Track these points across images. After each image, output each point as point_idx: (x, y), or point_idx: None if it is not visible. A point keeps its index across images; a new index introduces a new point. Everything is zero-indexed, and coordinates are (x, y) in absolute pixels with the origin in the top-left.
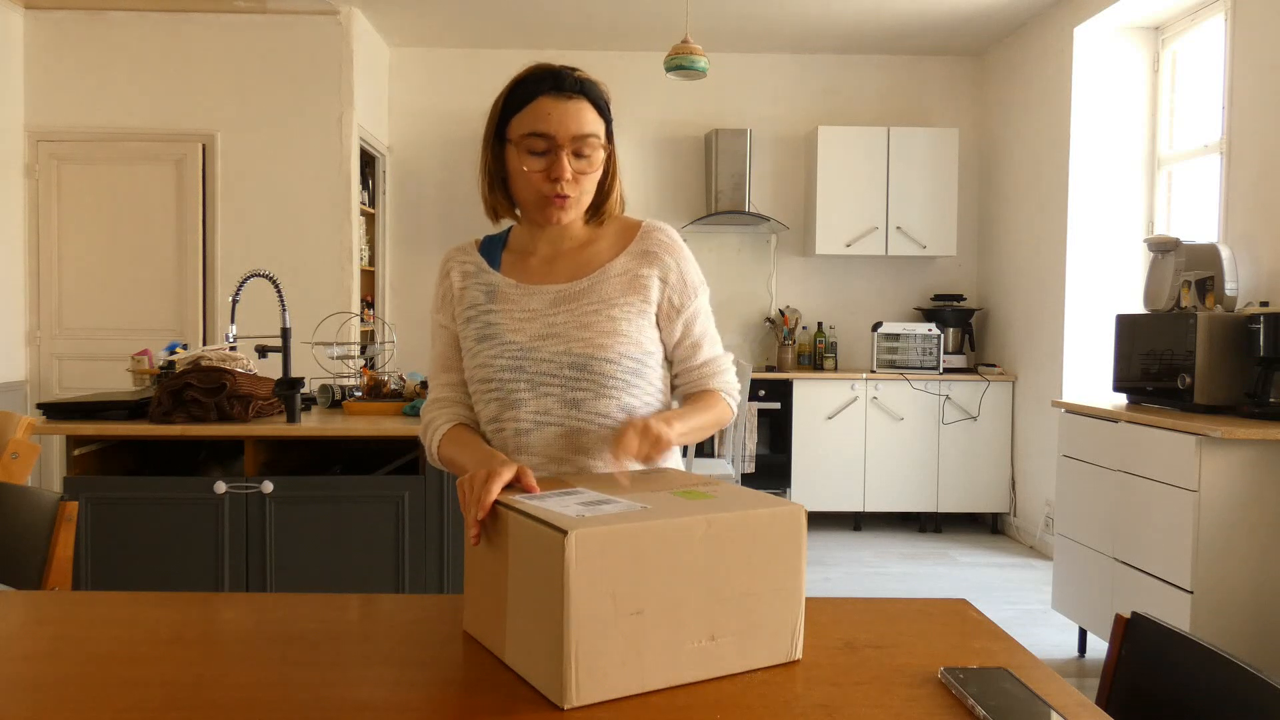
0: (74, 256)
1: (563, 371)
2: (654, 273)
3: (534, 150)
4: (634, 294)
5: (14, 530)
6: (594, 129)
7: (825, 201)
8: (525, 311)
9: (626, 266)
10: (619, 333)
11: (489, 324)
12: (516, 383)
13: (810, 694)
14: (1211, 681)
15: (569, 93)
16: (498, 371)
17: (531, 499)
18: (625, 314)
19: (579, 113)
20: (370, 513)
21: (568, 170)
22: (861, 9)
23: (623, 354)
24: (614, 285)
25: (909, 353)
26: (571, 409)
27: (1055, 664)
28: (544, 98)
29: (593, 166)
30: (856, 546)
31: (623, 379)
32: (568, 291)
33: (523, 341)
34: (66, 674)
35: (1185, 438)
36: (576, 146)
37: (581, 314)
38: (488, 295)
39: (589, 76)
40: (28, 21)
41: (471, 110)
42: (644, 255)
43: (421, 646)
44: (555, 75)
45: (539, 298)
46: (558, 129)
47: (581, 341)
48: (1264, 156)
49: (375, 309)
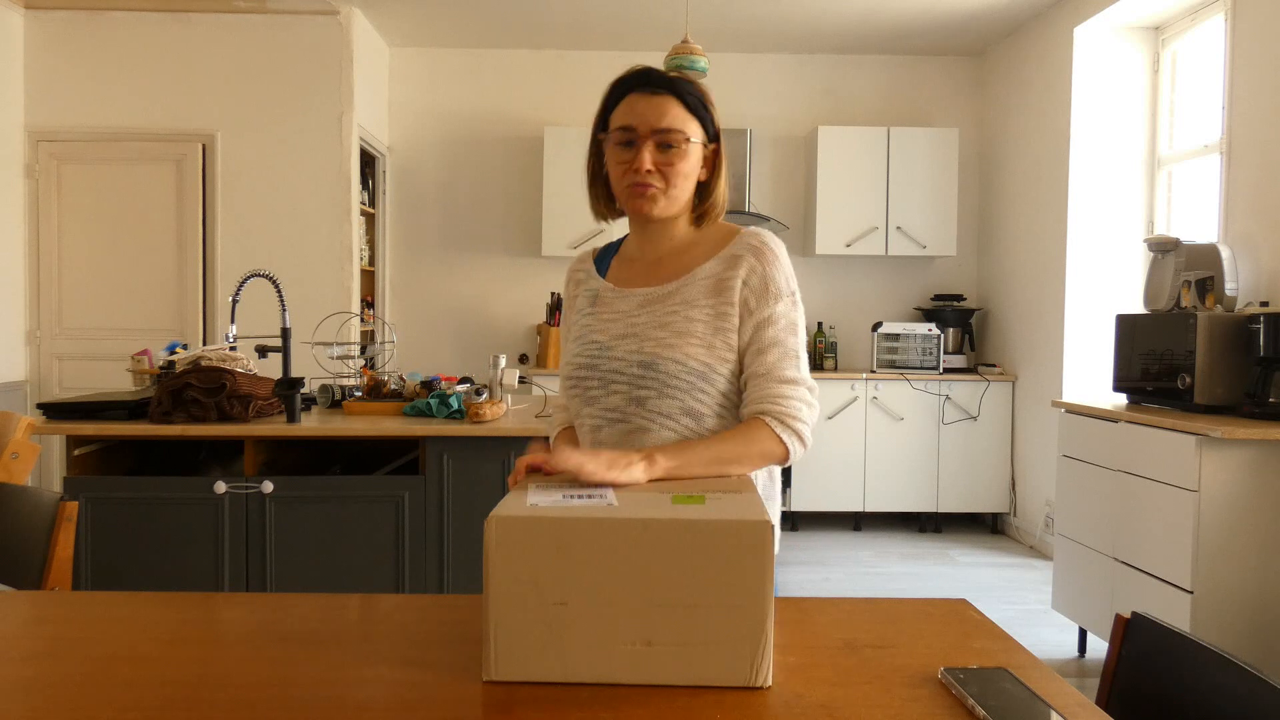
0: (74, 256)
1: (631, 370)
2: (738, 274)
3: (621, 143)
4: (716, 296)
5: (14, 530)
6: (678, 124)
7: (825, 201)
8: (615, 313)
9: (714, 270)
10: (692, 334)
11: (584, 326)
12: (590, 379)
13: (810, 694)
14: (1211, 681)
15: (655, 88)
16: (576, 370)
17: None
18: (704, 315)
19: (662, 106)
20: (370, 513)
21: (647, 160)
22: (861, 9)
23: (690, 355)
24: (699, 288)
25: (909, 353)
26: (637, 407)
27: (1055, 664)
28: (632, 94)
29: (678, 159)
30: (856, 546)
31: (688, 380)
32: (656, 294)
33: (603, 341)
34: (66, 674)
35: (1185, 438)
36: (659, 139)
37: (662, 315)
38: (590, 300)
39: (684, 75)
40: (28, 21)
41: (471, 110)
42: (732, 259)
43: (421, 646)
44: (645, 73)
45: (630, 300)
46: (639, 121)
47: (654, 341)
48: (1264, 156)
49: (375, 309)
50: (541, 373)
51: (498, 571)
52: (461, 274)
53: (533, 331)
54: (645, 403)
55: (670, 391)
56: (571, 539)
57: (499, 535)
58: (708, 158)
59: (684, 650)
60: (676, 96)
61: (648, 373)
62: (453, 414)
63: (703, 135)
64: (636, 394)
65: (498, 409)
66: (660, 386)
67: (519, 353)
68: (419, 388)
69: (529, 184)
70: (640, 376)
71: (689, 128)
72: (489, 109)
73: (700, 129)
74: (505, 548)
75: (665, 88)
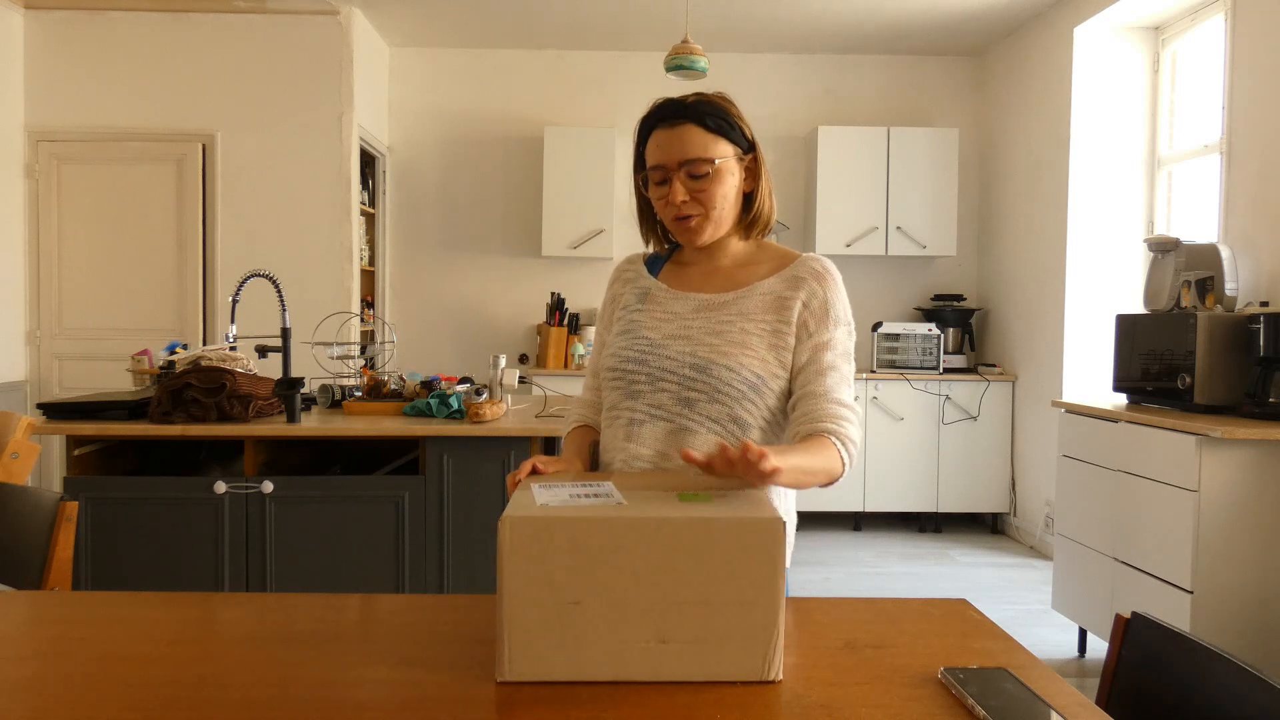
0: (74, 256)
1: (683, 370)
2: (799, 296)
3: (656, 180)
4: (774, 313)
5: (14, 530)
6: (700, 151)
7: (825, 201)
8: (668, 313)
9: (774, 288)
10: (748, 345)
11: (632, 321)
12: (638, 374)
13: (810, 694)
14: (1211, 681)
15: (674, 120)
16: (624, 362)
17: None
18: (760, 330)
19: (684, 136)
20: (370, 513)
21: (680, 194)
22: (861, 9)
23: (744, 365)
24: (758, 302)
25: (909, 353)
26: (684, 407)
27: (1055, 664)
28: (656, 131)
29: (712, 185)
30: (856, 546)
31: (739, 389)
32: (713, 301)
33: (655, 338)
34: (66, 674)
35: (1185, 438)
36: (688, 169)
37: (718, 322)
38: (639, 297)
39: (703, 96)
40: (28, 21)
41: (471, 110)
42: (794, 280)
43: (421, 646)
44: (664, 106)
45: (685, 303)
46: (665, 158)
47: (708, 346)
48: (1264, 156)
49: (375, 309)
50: (541, 373)
51: (512, 572)
52: (461, 274)
53: (533, 331)
54: (694, 405)
55: (720, 398)
56: (586, 538)
57: (513, 536)
58: (748, 168)
59: (697, 647)
60: (696, 123)
61: (700, 376)
62: (453, 414)
63: (734, 150)
64: (686, 395)
65: (498, 409)
66: (711, 391)
67: (519, 353)
68: (419, 388)
69: (529, 184)
70: (691, 379)
71: (715, 150)
72: (489, 109)
73: (729, 145)
74: (519, 548)
75: (684, 117)
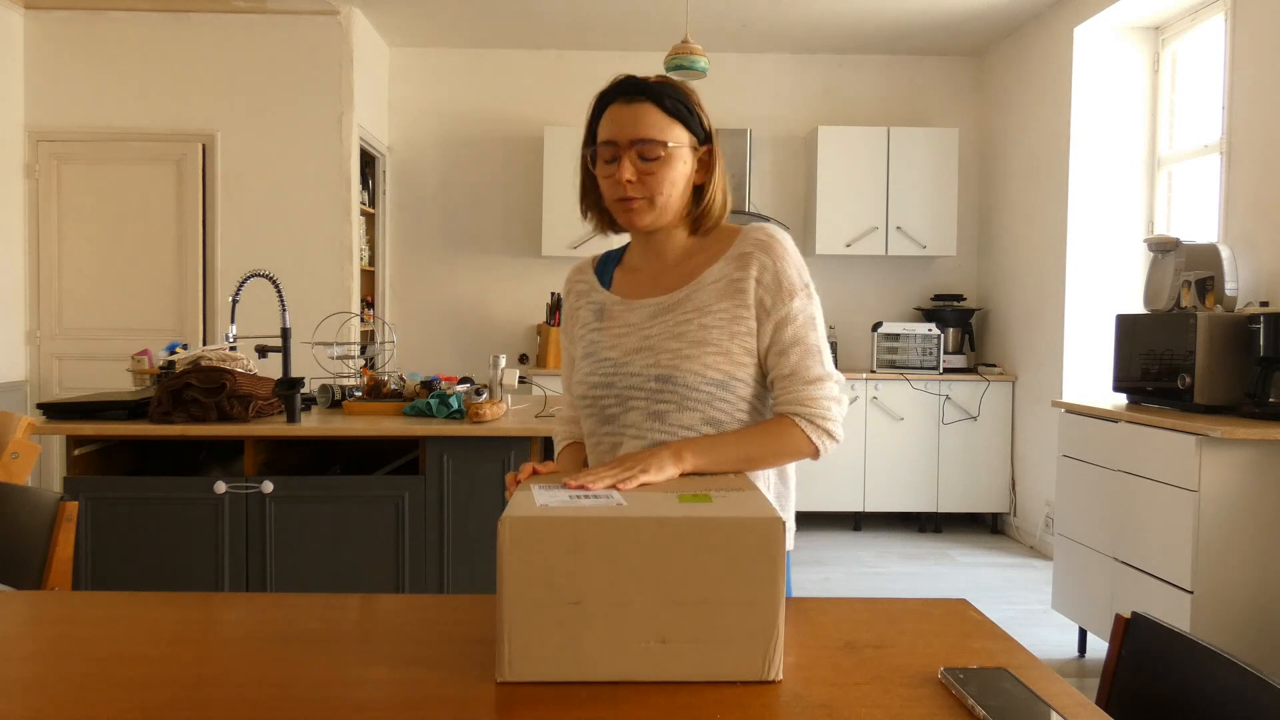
0: (74, 256)
1: (648, 385)
2: (750, 273)
3: (605, 158)
4: (729, 299)
5: (14, 530)
6: (655, 132)
7: (825, 201)
8: (625, 326)
9: (723, 272)
10: (709, 342)
11: (592, 342)
12: (607, 397)
13: (810, 694)
14: (1211, 681)
15: (632, 97)
16: (591, 389)
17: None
18: (718, 321)
19: (640, 114)
20: (370, 513)
21: (627, 171)
22: (861, 9)
23: (709, 366)
24: (709, 292)
25: (909, 353)
26: (655, 421)
27: (1055, 664)
28: (613, 105)
29: (661, 168)
30: (856, 546)
31: (707, 391)
32: (666, 303)
33: (616, 357)
34: (66, 674)
35: (1185, 438)
36: (639, 149)
37: (675, 324)
38: (595, 314)
39: (665, 79)
40: (28, 21)
41: (471, 110)
42: (740, 258)
43: (421, 646)
44: (623, 82)
45: (639, 311)
46: (618, 134)
47: (670, 353)
48: (1264, 156)
49: (375, 309)
50: (541, 373)
51: (512, 572)
52: (461, 274)
53: (533, 331)
54: (665, 417)
55: (690, 404)
56: (586, 538)
57: (513, 536)
58: (701, 160)
59: (698, 646)
60: (655, 103)
61: (666, 386)
62: (453, 414)
63: (689, 138)
64: (655, 409)
65: (498, 409)
66: (679, 400)
67: (519, 353)
68: (419, 388)
69: (529, 184)
70: (658, 390)
71: (669, 133)
72: (489, 109)
73: (685, 132)
74: (519, 548)
75: (643, 95)
